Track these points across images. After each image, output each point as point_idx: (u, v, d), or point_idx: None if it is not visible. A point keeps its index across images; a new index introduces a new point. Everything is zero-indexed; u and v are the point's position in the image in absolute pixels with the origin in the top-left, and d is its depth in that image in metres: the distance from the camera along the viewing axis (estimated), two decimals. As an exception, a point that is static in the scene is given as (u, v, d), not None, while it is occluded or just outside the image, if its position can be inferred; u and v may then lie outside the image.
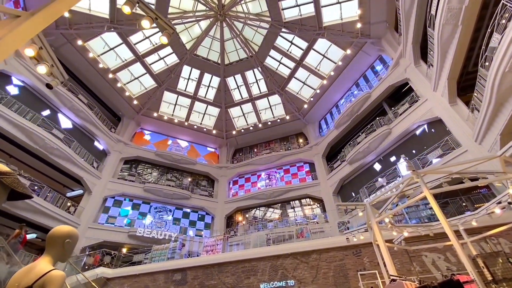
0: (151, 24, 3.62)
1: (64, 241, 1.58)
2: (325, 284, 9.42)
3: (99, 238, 16.30)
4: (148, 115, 22.80)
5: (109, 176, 19.02)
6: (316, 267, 9.86)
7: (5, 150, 15.00)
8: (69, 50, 17.99)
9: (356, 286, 8.90)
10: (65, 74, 3.52)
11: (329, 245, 9.93)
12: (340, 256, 9.74)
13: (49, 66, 3.30)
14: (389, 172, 14.33)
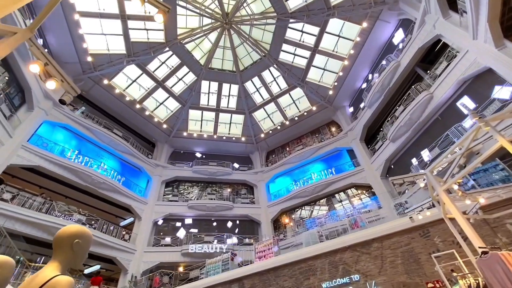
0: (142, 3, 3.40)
1: (72, 242, 1.30)
2: (394, 274, 8.41)
3: (155, 261, 16.85)
4: (179, 136, 23.55)
5: (155, 200, 19.80)
6: (380, 257, 8.89)
7: (61, 192, 16.39)
8: (98, 91, 19.38)
9: (433, 271, 7.79)
10: (76, 88, 3.49)
11: (390, 230, 8.91)
12: (405, 241, 8.67)
13: (58, 81, 3.28)
14: (440, 140, 12.74)
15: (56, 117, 16.38)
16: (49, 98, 16.02)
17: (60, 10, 15.27)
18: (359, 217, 12.01)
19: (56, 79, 3.25)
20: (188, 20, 19.42)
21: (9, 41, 2.44)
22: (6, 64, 13.57)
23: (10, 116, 13.98)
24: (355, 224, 11.39)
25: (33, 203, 13.73)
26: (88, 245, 1.38)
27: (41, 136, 15.50)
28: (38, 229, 12.91)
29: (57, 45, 16.60)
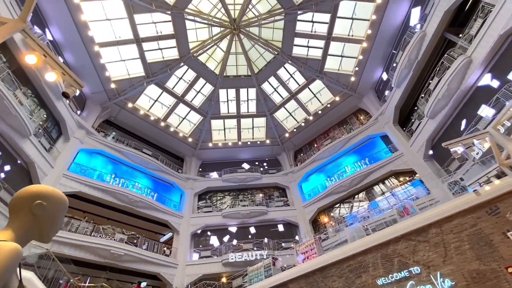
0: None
1: (32, 204, 0.93)
2: (463, 262, 7.23)
3: (198, 273, 16.72)
4: (205, 147, 23.76)
5: (190, 213, 19.91)
6: (442, 244, 7.74)
7: (102, 214, 17.08)
8: (125, 115, 20.27)
9: (511, 253, 6.56)
10: (81, 82, 3.33)
11: (449, 212, 7.75)
12: (470, 222, 7.47)
13: (59, 74, 3.12)
14: (491, 103, 11.18)
15: (90, 144, 17.30)
16: (82, 128, 17.02)
17: (82, 45, 16.30)
18: (408, 204, 10.78)
19: (56, 72, 3.10)
20: (198, 33, 19.76)
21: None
22: (41, 101, 14.64)
23: (50, 148, 14.98)
24: (405, 211, 10.22)
25: (78, 227, 14.38)
26: (56, 209, 1.00)
27: (79, 163, 16.39)
28: (85, 251, 13.42)
29: (84, 78, 17.68)
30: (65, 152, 15.54)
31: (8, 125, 11.70)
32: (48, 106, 14.96)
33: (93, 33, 16.31)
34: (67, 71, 3.16)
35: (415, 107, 17.03)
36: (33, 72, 13.42)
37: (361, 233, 10.78)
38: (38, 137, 13.89)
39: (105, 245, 13.90)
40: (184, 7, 17.40)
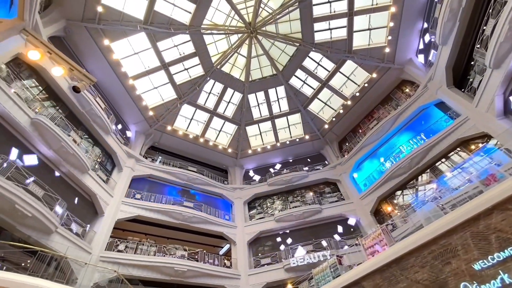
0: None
1: None
2: None
3: (261, 282, 16.20)
4: (245, 155, 23.70)
5: (243, 222, 19.73)
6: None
7: (162, 234, 17.80)
8: (166, 138, 21.39)
9: None
10: (92, 77, 3.21)
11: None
12: None
13: (66, 69, 3.01)
14: None
15: (141, 171, 18.44)
16: (131, 157, 18.26)
17: (119, 82, 17.73)
18: (493, 169, 8.85)
19: (63, 67, 3.01)
20: (218, 45, 20.10)
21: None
22: (93, 139, 16.10)
23: (107, 179, 16.26)
24: (491, 178, 8.36)
25: (142, 249, 15.11)
26: None
27: (134, 189, 17.46)
28: (151, 271, 13.96)
29: (125, 111, 19.17)
30: (120, 181, 16.73)
31: (69, 163, 12.97)
32: (100, 142, 16.39)
33: (125, 68, 17.65)
34: (75, 66, 3.09)
35: (471, 62, 14.60)
36: (83, 114, 14.87)
37: (438, 214, 9.17)
38: (96, 171, 15.20)
39: (168, 263, 14.32)
40: (200, 23, 17.85)
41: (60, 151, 12.42)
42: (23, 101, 11.47)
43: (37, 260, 8.50)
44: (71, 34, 14.99)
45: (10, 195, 9.29)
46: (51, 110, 13.22)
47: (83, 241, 12.76)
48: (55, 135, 12.04)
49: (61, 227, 11.52)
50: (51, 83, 13.47)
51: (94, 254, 12.85)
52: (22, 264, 9.41)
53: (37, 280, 6.79)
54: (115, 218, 15.04)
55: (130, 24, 16.09)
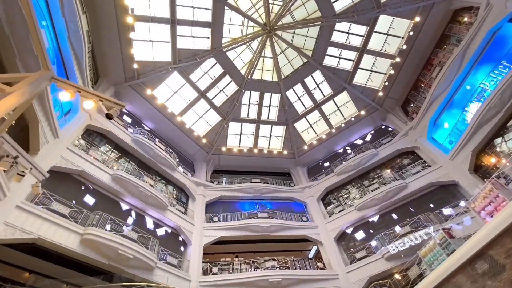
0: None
1: None
2: None
3: (363, 278, 14.75)
4: (303, 153, 23.04)
5: (322, 219, 18.74)
6: None
7: (249, 250, 18.08)
8: (225, 158, 22.17)
9: None
10: (120, 102, 3.33)
11: None
12: None
13: (96, 102, 3.18)
14: None
15: (211, 195, 19.41)
16: (200, 185, 19.44)
17: (169, 122, 19.45)
18: None
19: (93, 100, 3.20)
20: (242, 57, 20.23)
21: (26, 81, 2.48)
22: (164, 178, 17.72)
23: (185, 211, 17.51)
24: None
25: (234, 267, 15.52)
26: None
27: (210, 214, 18.36)
28: (246, 287, 14.13)
29: (183, 146, 20.76)
30: (196, 209, 17.84)
31: (149, 205, 14.43)
32: (170, 180, 17.96)
33: (171, 108, 19.27)
34: (103, 97, 3.25)
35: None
36: (149, 160, 16.60)
37: None
38: (174, 206, 16.57)
39: (262, 276, 14.29)
40: (220, 43, 18.12)
41: (140, 196, 13.95)
42: (101, 162, 13.38)
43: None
44: (120, 95, 17.14)
45: (113, 244, 10.68)
46: (124, 164, 15.13)
47: (181, 271, 13.77)
48: (133, 183, 13.63)
49: (160, 262, 12.70)
50: (118, 142, 15.53)
51: (193, 280, 13.70)
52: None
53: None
54: (202, 244, 15.92)
55: (162, 68, 17.62)
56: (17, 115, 3.53)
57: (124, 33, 15.48)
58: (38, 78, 2.62)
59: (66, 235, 9.99)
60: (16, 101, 2.54)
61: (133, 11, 15.42)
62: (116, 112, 3.26)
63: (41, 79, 2.67)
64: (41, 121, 10.29)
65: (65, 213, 10.71)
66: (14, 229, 8.73)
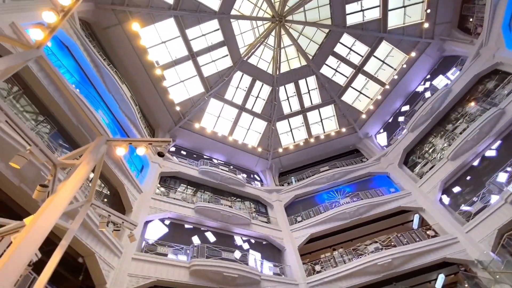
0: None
1: None
2: None
3: (491, 230, 12.32)
4: (367, 118, 21.24)
5: (414, 184, 16.64)
6: None
7: (345, 239, 17.21)
8: (285, 158, 22.02)
9: None
10: (165, 139, 3.57)
11: None
12: None
13: (146, 146, 3.45)
14: None
15: (287, 197, 19.39)
16: (272, 192, 19.62)
17: (218, 143, 20.40)
18: None
19: (143, 146, 3.48)
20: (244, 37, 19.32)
21: (88, 150, 2.86)
22: (239, 196, 18.52)
23: (268, 220, 17.81)
24: None
25: (337, 261, 14.89)
26: None
27: (292, 215, 18.24)
28: (358, 276, 13.31)
29: (243, 160, 21.49)
30: (278, 215, 17.97)
31: (234, 224, 15.15)
32: (245, 196, 18.64)
33: (220, 132, 20.30)
34: (150, 140, 3.53)
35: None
36: (220, 184, 17.63)
37: None
38: (256, 218, 17.05)
39: (370, 261, 13.30)
40: (229, 10, 17.07)
41: (223, 218, 14.79)
42: (182, 200, 14.78)
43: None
44: (175, 137, 18.78)
45: (216, 268, 11.51)
46: (201, 195, 16.42)
47: (286, 277, 13.88)
48: (214, 210, 14.60)
49: (263, 274, 13.09)
50: (189, 178, 17.01)
51: (301, 283, 13.61)
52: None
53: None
54: (295, 247, 15.81)
55: (199, 100, 18.73)
56: (96, 182, 4.13)
57: (159, 84, 17.18)
58: (97, 144, 3.04)
59: (177, 272, 11.16)
60: (85, 169, 2.95)
61: (158, 63, 17.05)
62: (166, 149, 3.54)
63: (99, 144, 3.09)
64: (125, 183, 12.00)
65: (168, 252, 12.03)
66: (137, 278, 10.16)
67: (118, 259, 10.00)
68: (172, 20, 16.23)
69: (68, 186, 2.45)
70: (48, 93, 9.41)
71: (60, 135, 10.33)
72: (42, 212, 2.08)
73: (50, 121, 10.02)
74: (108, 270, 9.45)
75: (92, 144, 3.14)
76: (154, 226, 13.13)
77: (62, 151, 10.03)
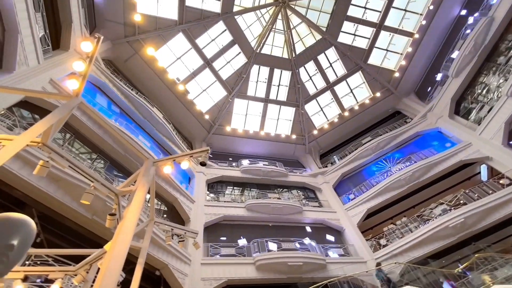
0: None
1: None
2: None
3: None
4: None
5: (473, 132, 14.97)
6: None
7: (405, 208, 16.24)
8: (323, 139, 21.43)
9: None
10: (204, 148, 3.73)
11: None
12: None
13: (188, 159, 3.61)
14: None
15: (333, 177, 18.95)
16: (317, 175, 19.26)
17: (257, 141, 20.59)
18: None
19: (186, 159, 3.66)
20: (252, 30, 18.94)
21: (140, 175, 3.12)
22: (285, 187, 18.57)
23: (319, 203, 17.55)
24: None
25: (402, 231, 14.14)
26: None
27: (342, 194, 17.72)
28: (429, 243, 12.48)
29: (286, 154, 21.43)
30: (328, 197, 17.69)
31: (288, 214, 15.29)
32: (290, 185, 18.66)
33: (252, 129, 20.47)
34: (190, 153, 3.71)
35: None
36: (264, 179, 17.88)
37: None
38: (307, 205, 16.94)
39: (439, 226, 12.33)
40: (231, 9, 17.03)
41: (274, 210, 15.00)
42: (232, 202, 15.39)
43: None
44: (211, 143, 19.42)
45: (280, 259, 11.79)
46: (248, 193, 16.87)
47: (352, 257, 13.63)
48: (263, 204, 14.89)
49: (328, 258, 13.07)
50: (233, 180, 17.60)
51: (369, 260, 13.23)
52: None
53: None
54: (354, 225, 15.39)
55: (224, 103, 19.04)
56: (153, 201, 4.50)
57: (184, 99, 18.13)
58: (146, 168, 3.32)
59: (244, 269, 11.67)
60: (142, 192, 3.23)
61: (179, 79, 17.82)
62: (206, 158, 3.71)
63: (148, 167, 3.38)
64: (178, 197, 12.85)
65: (231, 252, 12.61)
66: (210, 281, 10.87)
67: (188, 266, 10.79)
68: (181, 35, 16.76)
69: (132, 211, 2.72)
70: (94, 133, 10.47)
71: (113, 166, 11.43)
72: (117, 237, 2.34)
73: (102, 157, 11.14)
74: (183, 277, 10.26)
75: (142, 168, 3.43)
76: (212, 230, 13.86)
77: (118, 180, 11.10)
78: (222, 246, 12.86)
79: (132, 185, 3.65)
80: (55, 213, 8.04)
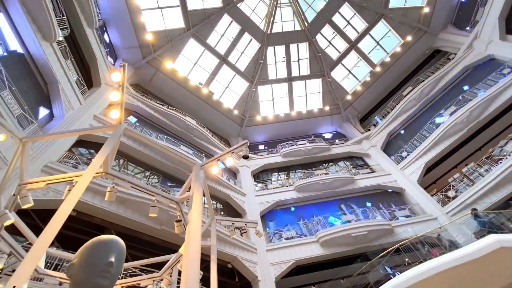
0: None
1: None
2: None
3: None
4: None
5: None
6: None
7: (468, 154, 14.70)
8: (360, 101, 20.26)
9: None
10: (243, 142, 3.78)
11: None
12: None
13: (231, 155, 3.68)
14: None
15: (379, 139, 17.81)
16: (360, 141, 18.41)
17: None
18: None
19: (229, 156, 3.76)
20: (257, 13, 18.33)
21: (192, 180, 3.30)
22: (330, 161, 18.09)
23: (371, 169, 16.79)
24: None
25: (472, 177, 12.87)
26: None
27: (393, 155, 16.66)
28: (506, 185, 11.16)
29: (319, 126, 20.83)
30: (379, 160, 16.79)
31: (339, 187, 14.92)
32: (335, 158, 18.13)
33: (282, 111, 20.19)
34: (230, 150, 3.81)
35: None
36: (307, 158, 17.64)
37: None
38: (357, 174, 16.35)
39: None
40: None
41: (325, 186, 14.78)
42: (281, 186, 15.55)
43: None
44: (247, 136, 19.66)
45: (342, 232, 11.63)
46: (294, 175, 16.88)
47: (420, 216, 12.91)
48: (312, 183, 14.76)
49: (394, 222, 12.56)
50: (277, 166, 17.67)
51: (440, 216, 12.37)
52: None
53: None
54: (414, 183, 14.42)
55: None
56: (210, 202, 4.78)
57: (211, 100, 18.50)
58: (195, 173, 3.54)
59: (309, 248, 11.82)
60: (199, 196, 3.43)
61: (201, 83, 18.24)
62: (247, 150, 3.79)
63: (197, 172, 3.59)
64: (230, 194, 13.42)
65: (295, 234, 12.83)
66: (279, 264, 11.27)
67: (256, 255, 11.30)
68: (192, 40, 17.04)
69: (194, 214, 2.92)
70: (142, 153, 11.38)
71: (166, 179, 12.35)
72: (188, 239, 2.53)
73: (154, 173, 12.09)
74: (253, 266, 10.80)
75: (192, 174, 3.64)
76: (269, 217, 14.23)
77: (173, 190, 11.98)
78: (282, 231, 13.16)
79: (187, 191, 3.89)
80: (130, 231, 9.04)
